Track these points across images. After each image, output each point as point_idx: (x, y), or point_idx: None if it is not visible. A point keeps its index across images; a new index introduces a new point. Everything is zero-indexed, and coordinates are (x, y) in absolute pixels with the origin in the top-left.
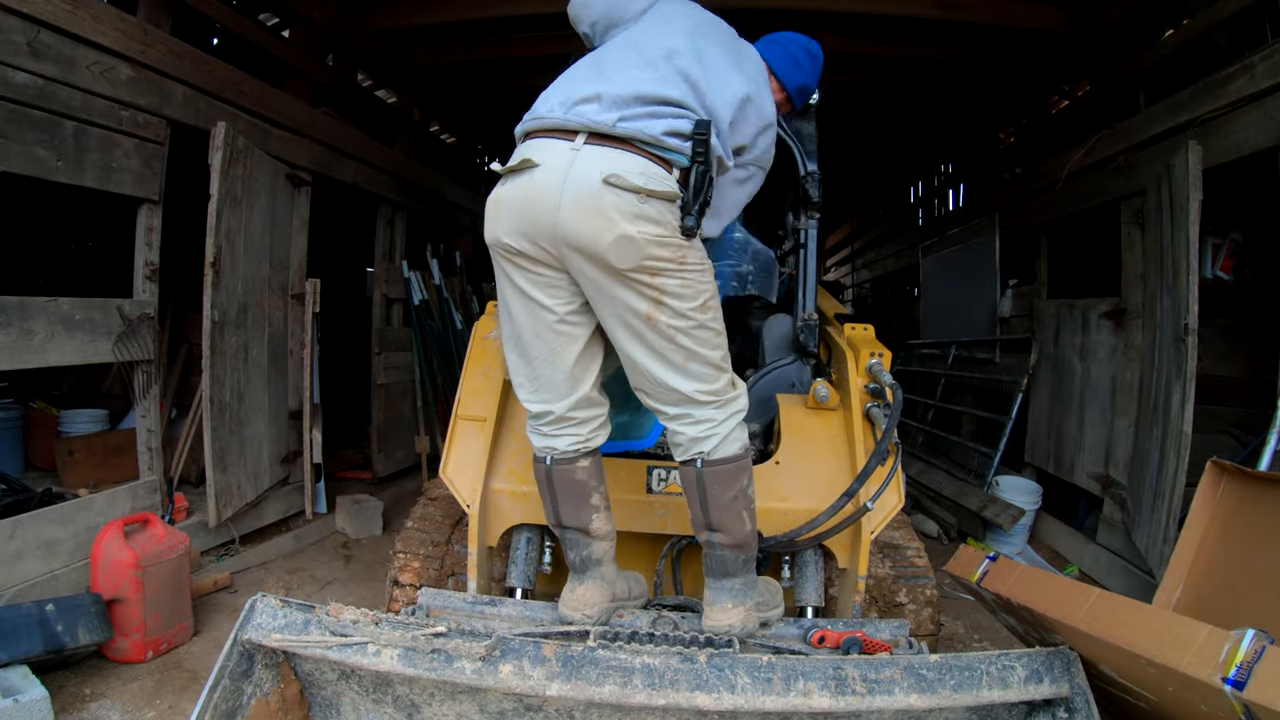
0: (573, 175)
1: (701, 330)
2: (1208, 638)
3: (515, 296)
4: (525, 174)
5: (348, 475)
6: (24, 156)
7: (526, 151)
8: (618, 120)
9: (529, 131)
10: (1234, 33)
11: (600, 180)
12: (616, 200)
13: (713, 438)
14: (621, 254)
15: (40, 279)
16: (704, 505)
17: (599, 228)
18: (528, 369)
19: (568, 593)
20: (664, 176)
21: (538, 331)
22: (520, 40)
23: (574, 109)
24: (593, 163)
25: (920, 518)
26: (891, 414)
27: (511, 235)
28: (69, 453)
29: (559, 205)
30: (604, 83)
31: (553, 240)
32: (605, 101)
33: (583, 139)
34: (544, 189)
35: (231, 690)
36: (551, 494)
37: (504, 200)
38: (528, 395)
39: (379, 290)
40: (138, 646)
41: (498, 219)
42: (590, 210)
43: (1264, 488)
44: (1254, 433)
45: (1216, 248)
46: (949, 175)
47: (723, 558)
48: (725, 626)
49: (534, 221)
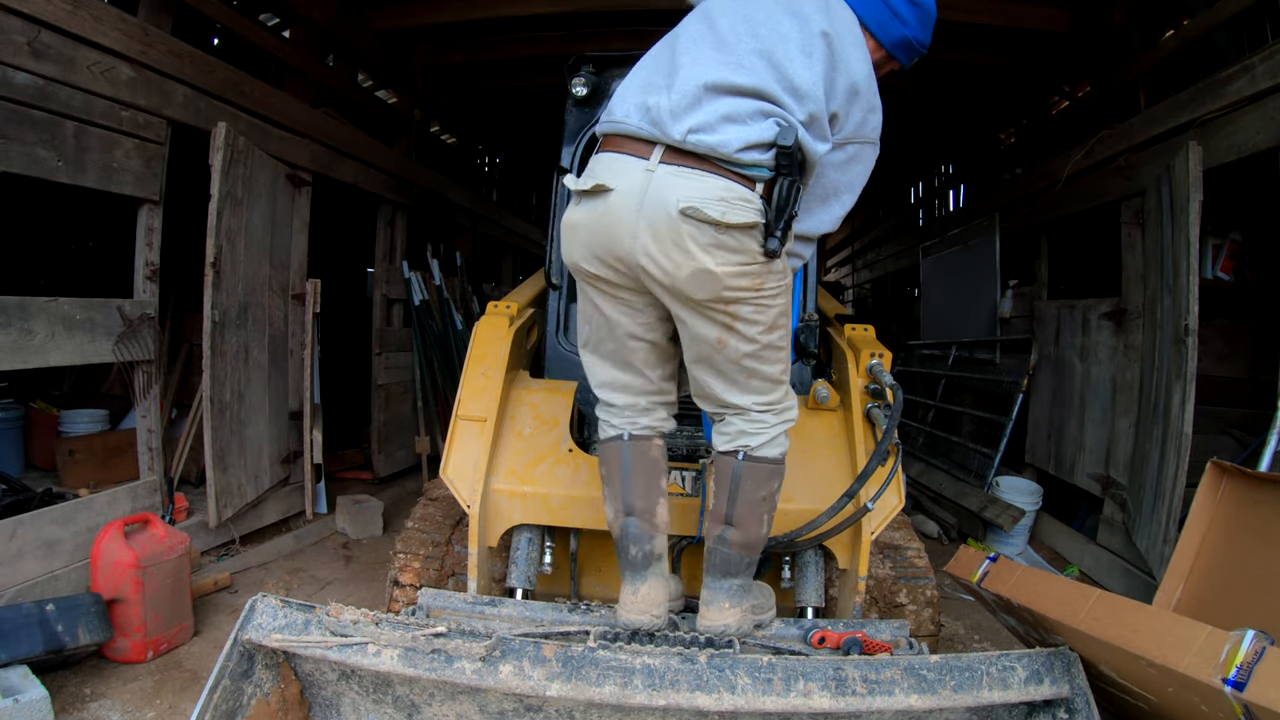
0: (648, 203)
1: (768, 350)
2: (1208, 638)
3: (593, 312)
4: (600, 198)
5: (348, 475)
6: (25, 157)
7: (600, 171)
8: (688, 132)
9: (605, 135)
10: (1234, 33)
11: (677, 211)
12: (694, 232)
13: (761, 436)
14: (699, 286)
15: (40, 279)
16: (731, 498)
17: (677, 260)
18: (607, 370)
19: (629, 595)
20: (744, 201)
21: (615, 344)
22: (520, 41)
23: (648, 113)
24: (669, 189)
25: (920, 518)
26: (892, 415)
27: (588, 261)
28: (69, 453)
29: (635, 234)
30: (674, 72)
31: (629, 266)
32: (675, 99)
33: (658, 155)
34: (619, 215)
35: (232, 690)
36: (624, 474)
37: (579, 225)
38: (606, 393)
39: (379, 290)
40: (138, 646)
41: (574, 243)
42: (667, 242)
43: (1264, 488)
44: (1254, 433)
45: (1217, 248)
46: (949, 175)
47: (729, 556)
48: (721, 626)
49: (609, 248)
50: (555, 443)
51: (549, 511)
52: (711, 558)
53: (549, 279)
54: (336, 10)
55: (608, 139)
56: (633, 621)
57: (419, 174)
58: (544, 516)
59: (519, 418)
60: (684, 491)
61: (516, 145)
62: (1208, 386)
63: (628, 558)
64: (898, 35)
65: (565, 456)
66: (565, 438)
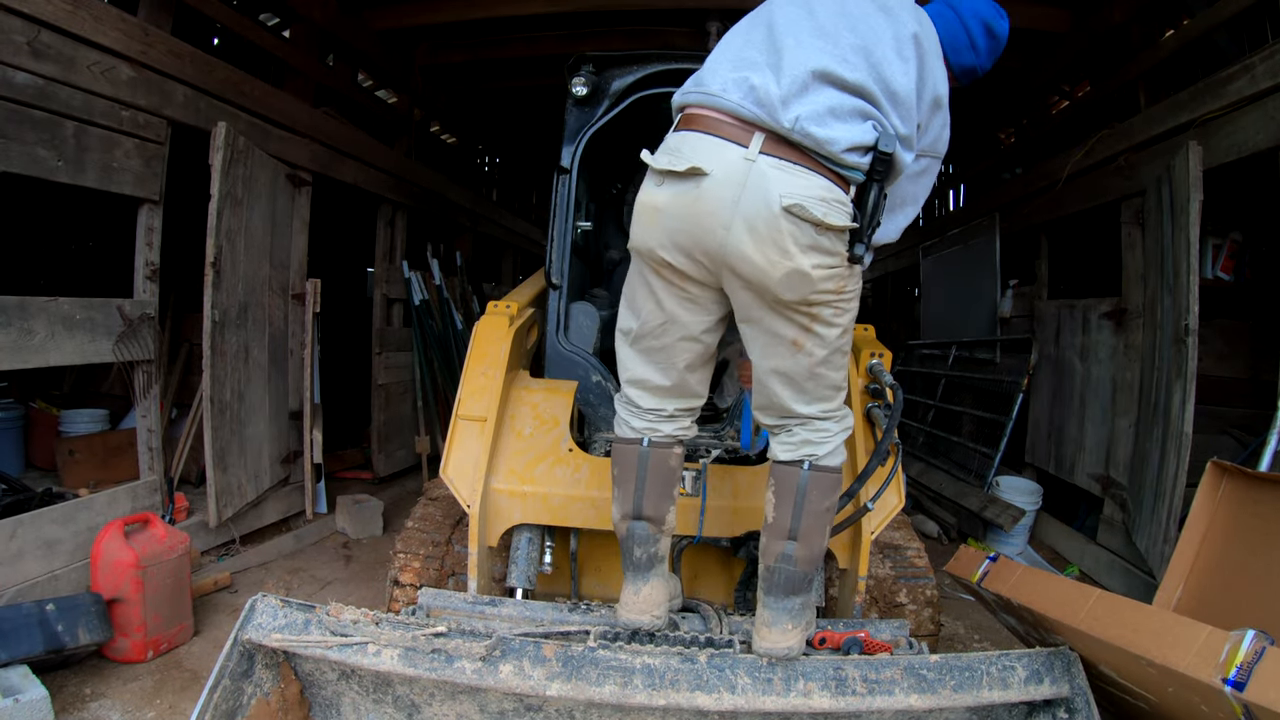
0: (748, 195)
1: (836, 355)
2: (1208, 638)
3: (649, 302)
4: (691, 182)
5: (348, 475)
6: (25, 156)
7: (691, 153)
8: (798, 119)
9: (692, 108)
10: (1234, 33)
11: (780, 208)
12: (795, 230)
13: (826, 444)
14: (790, 287)
15: (40, 279)
16: (796, 510)
17: (773, 259)
18: (644, 368)
19: (631, 595)
20: (842, 204)
21: (664, 342)
22: (520, 40)
23: (752, 91)
24: (772, 183)
25: (920, 518)
26: (892, 414)
27: (666, 249)
28: (69, 453)
29: (729, 226)
30: (778, 52)
31: (714, 260)
32: (784, 84)
33: (758, 143)
34: (714, 205)
35: (232, 690)
36: (640, 479)
37: (663, 209)
38: (637, 391)
39: (379, 290)
40: (138, 646)
41: (652, 227)
42: (765, 240)
43: (1264, 488)
44: (1254, 433)
45: (1217, 248)
46: (949, 175)
47: (794, 574)
48: (784, 649)
49: (698, 239)
50: (555, 443)
51: (549, 511)
52: (774, 576)
53: (549, 279)
54: (336, 10)
55: (695, 114)
56: (634, 621)
57: (419, 174)
58: (544, 516)
59: (519, 418)
60: (684, 491)
61: (516, 145)
62: (1208, 386)
63: (632, 559)
64: (968, 63)
65: (565, 456)
66: (565, 438)
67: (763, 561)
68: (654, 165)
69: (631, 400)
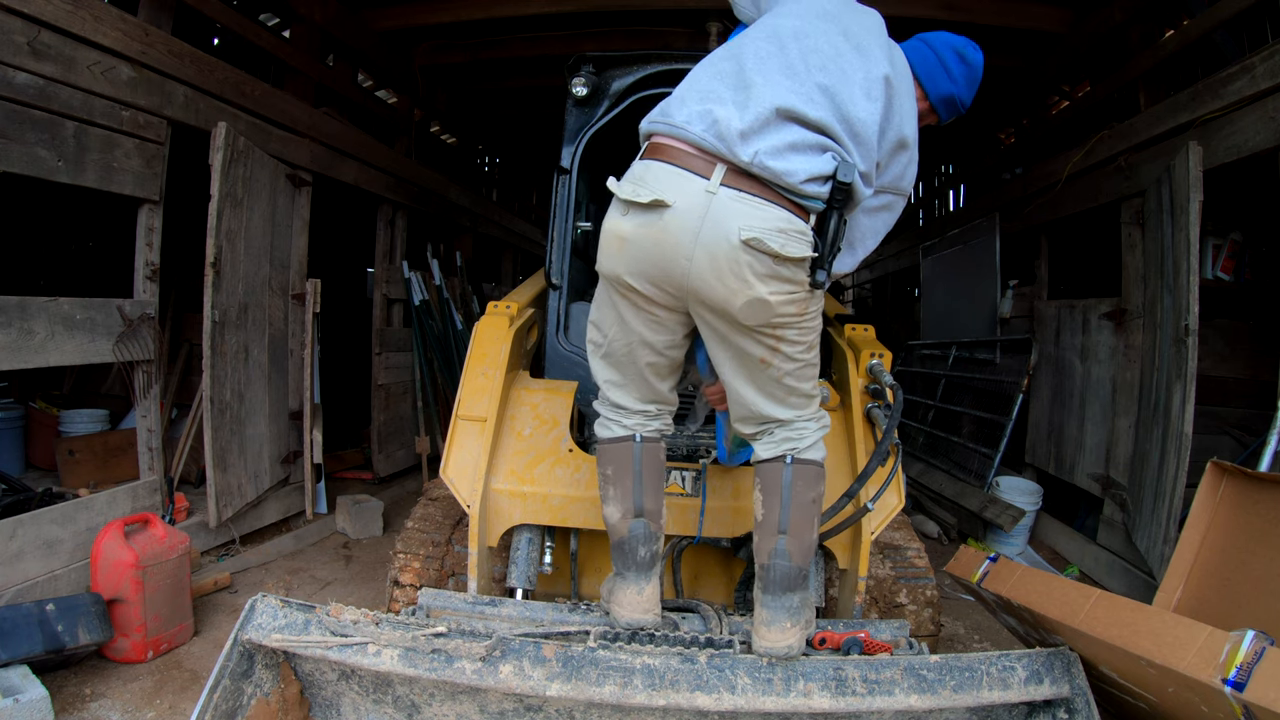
0: (708, 227)
1: (806, 369)
2: (1208, 639)
3: (615, 324)
4: (655, 214)
5: (348, 475)
6: (25, 156)
7: (655, 184)
8: (757, 154)
9: (654, 136)
10: (1234, 33)
11: (739, 240)
12: (753, 262)
13: (806, 439)
14: (751, 314)
15: (40, 279)
16: (784, 503)
17: (734, 288)
18: (616, 378)
19: (634, 595)
20: (800, 233)
21: (632, 357)
22: (520, 41)
23: (714, 125)
24: (731, 216)
25: (920, 518)
26: (892, 415)
27: (633, 276)
28: (69, 453)
29: (691, 257)
30: (742, 88)
31: (679, 288)
32: (747, 119)
33: (719, 175)
34: (676, 237)
35: (232, 690)
36: (637, 474)
37: (629, 239)
38: (616, 395)
39: (379, 290)
40: (138, 646)
41: (619, 256)
42: (725, 270)
43: (1264, 489)
44: (1254, 433)
45: (1217, 248)
46: (949, 175)
47: (788, 569)
48: (784, 648)
49: (662, 268)
50: (555, 443)
51: (549, 511)
52: (770, 574)
53: (549, 279)
54: (336, 10)
55: (660, 144)
56: (638, 621)
57: (419, 174)
58: (544, 516)
59: (519, 418)
60: (684, 491)
61: (516, 145)
62: (1208, 386)
63: (635, 558)
64: (945, 91)
65: (565, 456)
66: (565, 438)
67: (758, 560)
68: (619, 194)
69: (615, 403)
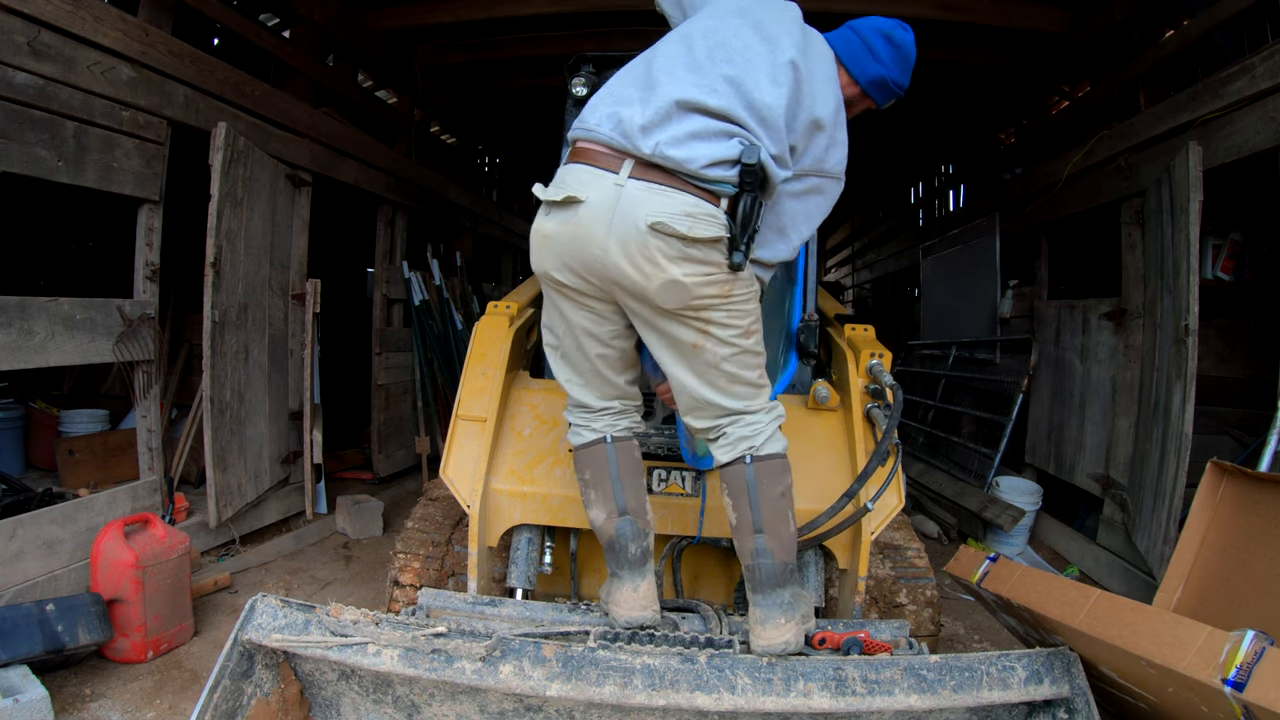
0: (618, 217)
1: (744, 355)
2: (1208, 639)
3: (560, 321)
4: (570, 210)
5: (348, 475)
6: (25, 156)
7: (571, 182)
8: (658, 145)
9: (576, 142)
10: (1234, 33)
11: (646, 225)
12: (662, 245)
13: (760, 435)
14: (668, 296)
15: (40, 279)
16: (753, 504)
17: (647, 272)
18: (575, 377)
19: (630, 593)
20: (709, 215)
21: (583, 352)
22: (520, 41)
23: (619, 124)
24: (638, 204)
25: (920, 518)
26: (892, 415)
27: (559, 270)
28: (69, 453)
29: (606, 247)
30: (648, 88)
31: (600, 278)
32: (648, 114)
33: (628, 169)
34: (590, 229)
35: (232, 690)
36: (613, 475)
37: (551, 236)
38: (586, 395)
39: (379, 290)
40: (138, 646)
41: (545, 253)
42: (637, 255)
43: (1264, 489)
44: (1254, 433)
45: (1217, 248)
46: (949, 176)
47: (772, 567)
48: (780, 645)
49: (582, 259)
50: (555, 443)
51: (549, 511)
52: (755, 574)
53: None
54: (336, 10)
55: (580, 148)
56: (636, 619)
57: (419, 174)
58: (544, 516)
59: (519, 418)
60: (684, 491)
61: (516, 145)
62: (1208, 386)
63: (627, 556)
64: (874, 74)
65: (565, 456)
66: (565, 438)
67: (743, 563)
68: (541, 196)
69: (582, 405)
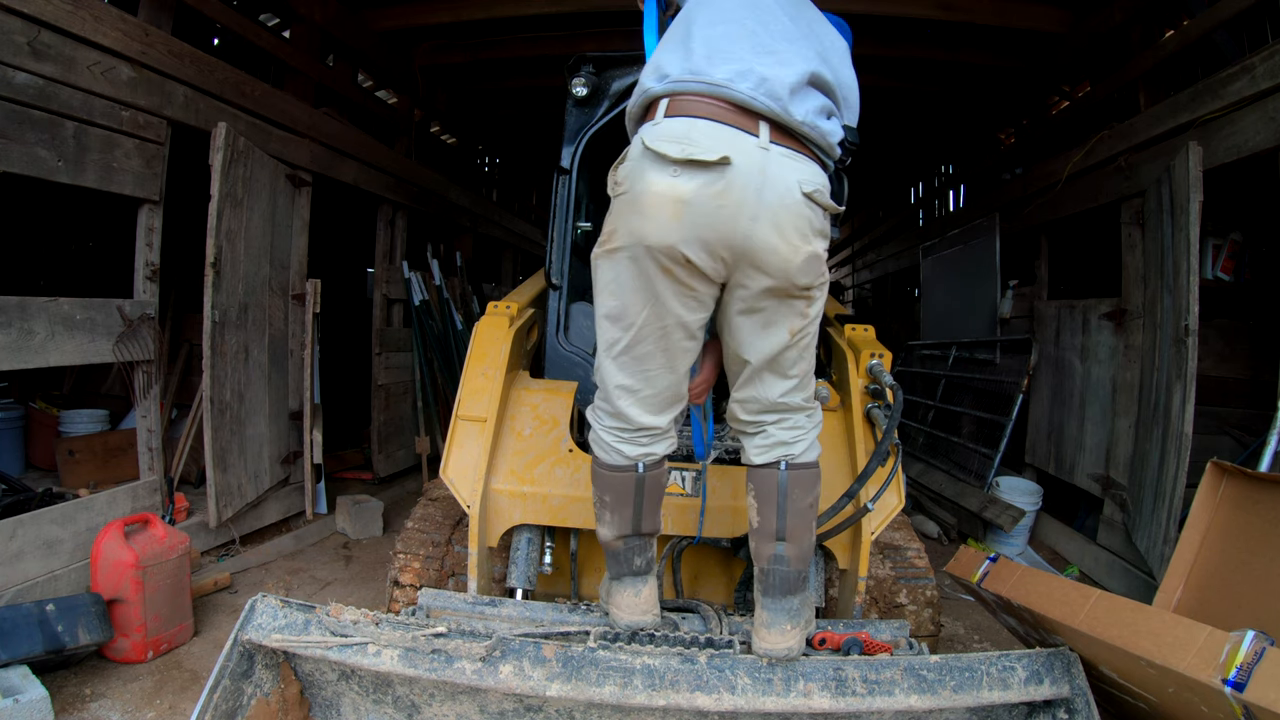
0: (770, 183)
1: (813, 341)
2: (1208, 639)
3: (647, 307)
4: (715, 173)
5: (348, 475)
6: (25, 156)
7: (709, 140)
8: (807, 112)
9: (684, 94)
10: (1234, 33)
11: (801, 194)
12: (812, 216)
13: (800, 442)
14: (808, 271)
15: (40, 279)
16: (780, 511)
17: (795, 245)
18: (636, 382)
19: (631, 598)
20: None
21: (665, 346)
22: (520, 41)
23: (764, 83)
24: (789, 170)
25: (920, 519)
26: (892, 415)
27: (689, 244)
28: (69, 453)
29: (756, 217)
30: (769, 52)
31: (736, 253)
32: (793, 78)
33: (766, 133)
34: (741, 195)
35: (232, 690)
36: (638, 503)
37: (689, 202)
38: (636, 410)
39: (379, 291)
40: (138, 646)
41: (676, 223)
42: (789, 227)
43: (1264, 489)
44: (1254, 433)
45: (1217, 248)
46: (949, 176)
47: (788, 574)
48: (784, 650)
49: (723, 231)
50: (555, 443)
51: (549, 511)
52: (769, 578)
53: (549, 279)
54: (336, 10)
55: (692, 102)
56: (638, 622)
57: (419, 174)
58: (544, 516)
59: (519, 418)
60: (684, 491)
61: (516, 145)
62: (1208, 386)
63: (631, 566)
64: None
65: (565, 456)
66: (565, 438)
67: (756, 564)
68: (667, 153)
69: (623, 416)
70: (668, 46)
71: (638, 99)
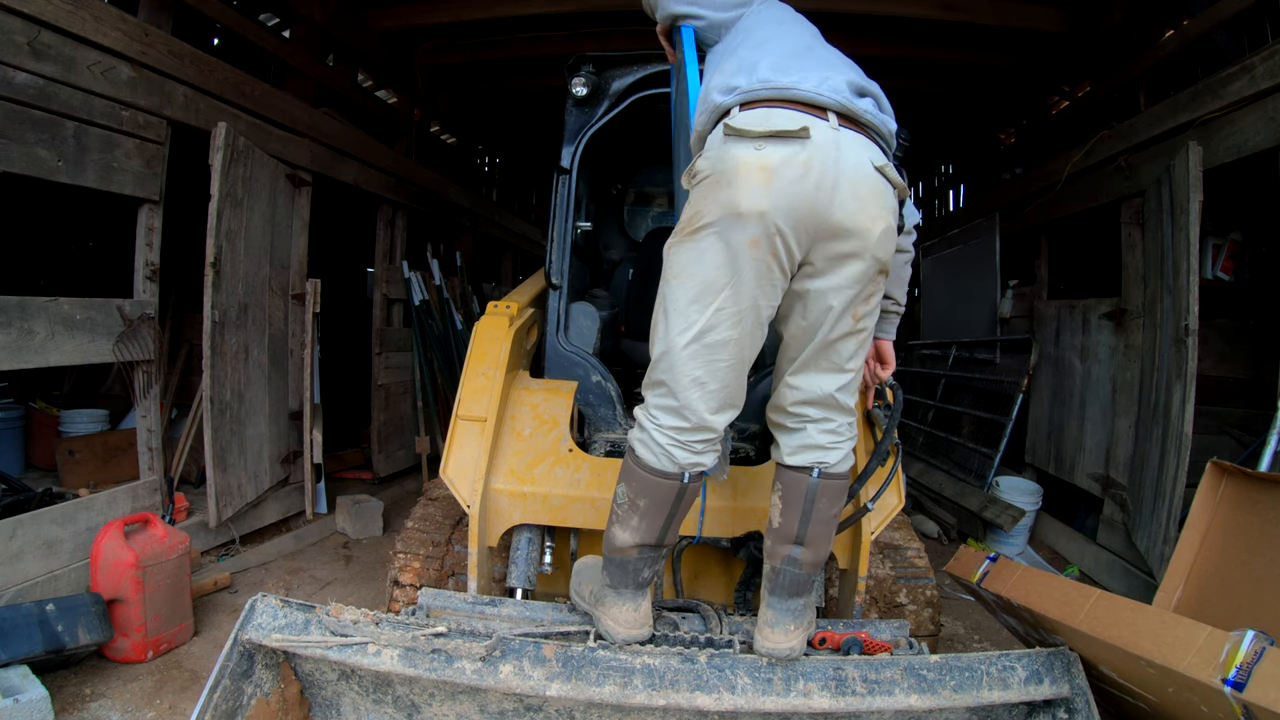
0: (845, 157)
1: (869, 340)
2: (1208, 639)
3: (729, 288)
4: (798, 143)
5: (348, 475)
6: (25, 156)
7: (781, 120)
8: (865, 110)
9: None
10: (1234, 33)
11: (873, 167)
12: (884, 190)
13: (837, 450)
14: (884, 245)
15: (40, 279)
16: (804, 517)
17: (874, 214)
18: (709, 372)
19: (631, 613)
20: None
21: (737, 331)
22: (520, 41)
23: (824, 81)
24: (860, 148)
25: (920, 518)
26: (892, 415)
27: (779, 213)
28: (69, 453)
29: (837, 185)
30: (822, 65)
31: (817, 226)
32: (838, 80)
33: (834, 119)
34: (822, 164)
35: (232, 690)
36: (671, 515)
37: (775, 170)
38: (703, 404)
39: (379, 290)
40: (138, 646)
41: (765, 189)
42: (867, 197)
43: (1264, 489)
44: (1254, 433)
45: (1217, 248)
46: (949, 175)
47: (799, 577)
48: (786, 649)
49: (808, 200)
50: (555, 443)
51: (549, 511)
52: (779, 578)
53: (549, 279)
54: (336, 10)
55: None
56: (634, 637)
57: (419, 174)
58: (544, 516)
59: (519, 418)
60: None
61: (516, 145)
62: (1208, 386)
63: (639, 579)
64: None
65: (565, 456)
66: (565, 438)
67: (768, 562)
68: (750, 127)
69: (690, 410)
70: (725, 69)
71: (710, 114)
